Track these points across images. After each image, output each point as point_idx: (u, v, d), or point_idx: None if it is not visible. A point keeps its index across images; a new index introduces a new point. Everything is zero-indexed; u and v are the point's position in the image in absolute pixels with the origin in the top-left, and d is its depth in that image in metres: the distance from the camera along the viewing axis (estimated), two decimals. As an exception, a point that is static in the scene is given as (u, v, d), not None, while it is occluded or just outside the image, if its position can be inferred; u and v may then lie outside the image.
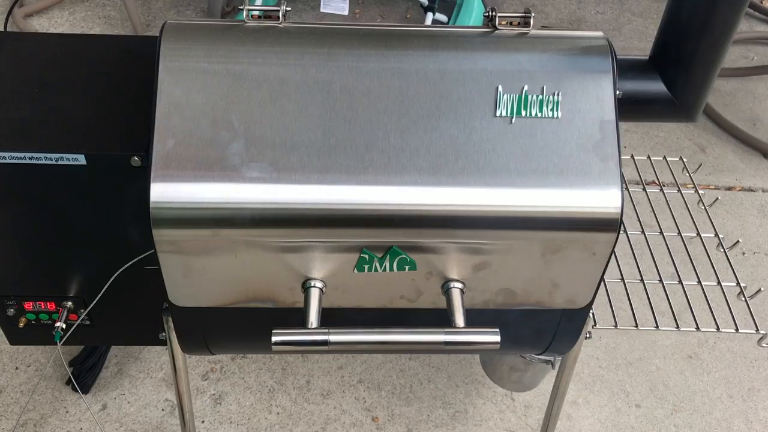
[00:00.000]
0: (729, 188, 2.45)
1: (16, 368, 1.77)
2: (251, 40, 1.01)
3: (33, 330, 1.31)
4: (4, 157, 1.03)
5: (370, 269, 1.03)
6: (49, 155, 1.03)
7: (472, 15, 2.82)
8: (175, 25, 1.03)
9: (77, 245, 1.16)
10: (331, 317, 1.05)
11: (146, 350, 1.83)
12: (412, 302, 1.10)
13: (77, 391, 1.71)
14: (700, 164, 1.81)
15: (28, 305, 1.27)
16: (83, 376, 1.71)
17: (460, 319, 1.02)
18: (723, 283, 1.40)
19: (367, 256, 1.02)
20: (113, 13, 2.99)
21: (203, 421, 1.71)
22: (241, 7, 1.03)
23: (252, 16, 1.03)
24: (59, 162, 1.03)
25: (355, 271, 1.04)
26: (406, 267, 1.04)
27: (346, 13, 2.49)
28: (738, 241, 1.58)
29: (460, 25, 2.79)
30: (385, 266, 1.03)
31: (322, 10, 2.52)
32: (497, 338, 0.97)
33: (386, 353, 1.83)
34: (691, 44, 1.11)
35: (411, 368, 1.85)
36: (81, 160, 1.03)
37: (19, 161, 1.03)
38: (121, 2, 2.87)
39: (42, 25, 2.91)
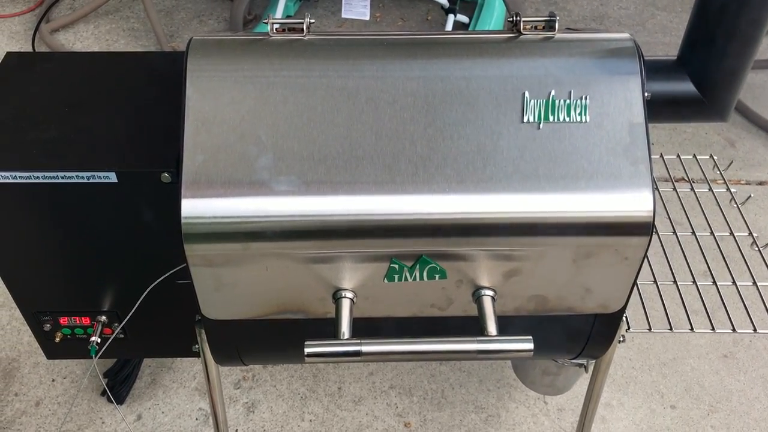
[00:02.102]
0: (761, 183, 2.40)
1: (53, 380, 1.79)
2: (276, 53, 1.02)
3: (69, 344, 1.33)
4: (38, 177, 1.05)
5: (400, 279, 1.03)
6: (80, 174, 1.04)
7: (494, 15, 2.81)
8: (201, 40, 1.03)
9: (110, 261, 1.18)
10: (362, 327, 1.05)
11: (179, 360, 1.85)
12: (442, 310, 1.10)
13: (112, 402, 1.73)
14: (731, 161, 1.78)
15: (64, 320, 1.29)
16: (118, 387, 1.74)
17: (492, 327, 1.02)
18: (759, 283, 1.38)
19: (396, 266, 1.02)
20: (137, 26, 3.02)
21: (237, 430, 1.72)
22: (266, 21, 1.04)
23: (276, 29, 1.04)
24: (91, 180, 1.05)
25: (386, 280, 1.04)
26: (436, 276, 1.03)
27: (367, 18, 2.49)
28: (772, 238, 1.56)
29: (482, 25, 2.78)
30: (415, 275, 1.03)
31: (343, 15, 2.52)
32: (530, 345, 0.96)
33: (418, 361, 1.82)
34: (720, 44, 1.09)
35: (442, 373, 1.84)
36: (112, 177, 1.05)
37: (52, 180, 1.05)
38: (145, 15, 2.90)
39: (68, 39, 2.95)
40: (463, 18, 2.82)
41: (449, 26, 2.75)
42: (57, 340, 1.31)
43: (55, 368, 1.81)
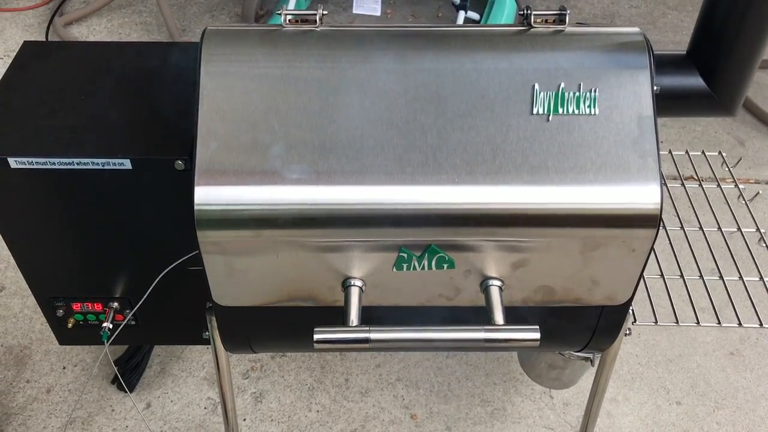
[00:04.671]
0: (770, 182, 2.41)
1: (64, 368, 1.81)
2: (290, 44, 1.03)
3: (81, 330, 1.35)
4: (54, 163, 1.06)
5: (408, 268, 1.05)
6: (96, 160, 1.06)
7: (504, 12, 2.81)
8: (215, 30, 1.05)
9: (123, 247, 1.20)
10: (371, 315, 1.07)
11: (188, 350, 1.87)
12: (450, 300, 1.11)
13: (123, 389, 1.75)
14: (740, 158, 1.78)
15: (76, 306, 1.30)
16: (128, 375, 1.75)
17: (499, 317, 1.03)
18: (765, 279, 1.39)
19: (405, 255, 1.03)
20: (150, 20, 3.04)
21: (245, 419, 1.74)
22: (279, 12, 1.05)
23: (289, 20, 1.05)
24: (106, 167, 1.07)
25: (394, 269, 1.05)
26: (445, 265, 1.04)
27: (378, 13, 2.50)
28: (780, 236, 1.56)
29: (493, 22, 2.78)
30: (423, 265, 1.04)
31: (354, 11, 2.54)
32: (537, 335, 0.97)
33: (425, 350, 1.83)
34: (729, 38, 1.10)
35: (448, 366, 1.86)
36: (127, 164, 1.06)
37: (68, 167, 1.07)
38: (158, 9, 2.92)
39: (81, 32, 2.98)
40: (473, 15, 2.82)
41: (460, 23, 2.76)
42: (69, 325, 1.33)
43: (66, 356, 1.84)
